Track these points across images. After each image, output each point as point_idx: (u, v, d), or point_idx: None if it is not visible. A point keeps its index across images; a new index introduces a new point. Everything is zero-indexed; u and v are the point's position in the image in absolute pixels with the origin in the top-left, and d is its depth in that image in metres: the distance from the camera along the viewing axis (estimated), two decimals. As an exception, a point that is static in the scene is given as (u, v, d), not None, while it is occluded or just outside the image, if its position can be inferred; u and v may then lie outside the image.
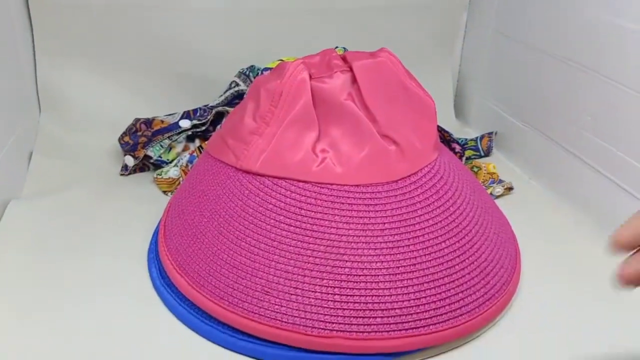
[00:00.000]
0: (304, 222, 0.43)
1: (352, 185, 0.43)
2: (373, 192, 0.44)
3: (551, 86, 0.66)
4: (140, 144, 0.64)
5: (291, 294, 0.41)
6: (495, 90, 0.78)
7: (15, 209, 0.57)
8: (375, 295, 0.41)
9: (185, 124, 0.65)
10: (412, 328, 0.41)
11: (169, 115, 0.67)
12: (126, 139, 0.66)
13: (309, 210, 0.43)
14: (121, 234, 0.55)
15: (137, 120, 0.66)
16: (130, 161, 0.65)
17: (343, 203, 0.43)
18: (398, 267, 0.42)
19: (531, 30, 0.69)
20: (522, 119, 0.72)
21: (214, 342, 0.43)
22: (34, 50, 0.70)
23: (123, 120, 0.71)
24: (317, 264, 0.41)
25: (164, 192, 0.63)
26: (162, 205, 0.58)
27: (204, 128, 0.66)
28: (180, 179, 0.63)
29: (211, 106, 0.68)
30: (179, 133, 0.65)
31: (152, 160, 0.65)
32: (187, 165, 0.63)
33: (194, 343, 0.44)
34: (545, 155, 0.68)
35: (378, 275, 0.41)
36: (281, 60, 0.66)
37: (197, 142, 0.67)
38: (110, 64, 0.73)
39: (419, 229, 0.43)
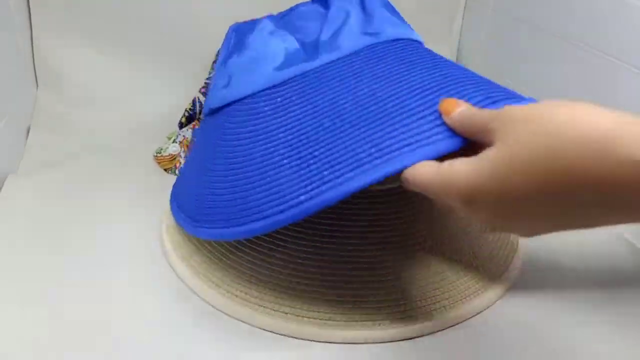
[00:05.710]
0: None
1: None
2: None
3: (550, 64, 0.66)
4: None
5: None
6: (493, 68, 0.78)
7: (13, 184, 0.57)
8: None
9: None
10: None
11: None
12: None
13: None
14: (119, 208, 0.55)
15: None
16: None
17: None
18: None
19: (531, 8, 0.69)
20: (521, 98, 0.72)
21: None
22: (30, 26, 0.70)
23: (120, 95, 0.70)
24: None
25: (165, 169, 0.63)
26: (159, 178, 0.58)
27: None
28: (181, 152, 0.62)
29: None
30: None
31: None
32: (192, 140, 0.63)
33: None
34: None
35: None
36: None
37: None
38: (107, 39, 0.72)
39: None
